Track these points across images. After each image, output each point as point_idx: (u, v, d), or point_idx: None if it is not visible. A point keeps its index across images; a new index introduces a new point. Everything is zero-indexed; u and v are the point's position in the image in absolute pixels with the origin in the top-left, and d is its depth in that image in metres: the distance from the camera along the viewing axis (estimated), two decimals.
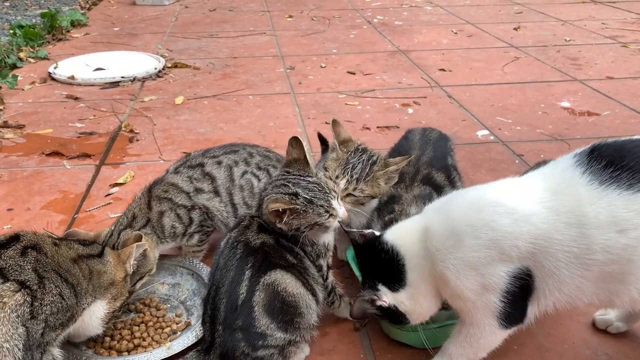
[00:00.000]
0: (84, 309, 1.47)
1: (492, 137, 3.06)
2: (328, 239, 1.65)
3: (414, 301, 1.45)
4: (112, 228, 1.80)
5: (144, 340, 1.65)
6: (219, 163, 1.93)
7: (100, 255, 1.55)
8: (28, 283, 1.29)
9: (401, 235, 1.47)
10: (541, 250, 1.29)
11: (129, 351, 1.62)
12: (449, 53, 4.57)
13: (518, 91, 3.73)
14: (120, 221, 1.82)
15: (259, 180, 1.94)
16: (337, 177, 1.77)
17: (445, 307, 1.77)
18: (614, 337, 1.69)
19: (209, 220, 1.93)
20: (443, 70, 4.16)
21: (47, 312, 1.32)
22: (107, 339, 1.65)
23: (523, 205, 1.31)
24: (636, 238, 1.22)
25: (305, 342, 1.60)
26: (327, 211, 1.53)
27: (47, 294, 1.32)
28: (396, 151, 2.06)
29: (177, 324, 1.73)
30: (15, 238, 1.38)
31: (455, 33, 5.18)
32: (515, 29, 5.29)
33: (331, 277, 1.68)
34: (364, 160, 1.81)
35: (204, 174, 1.91)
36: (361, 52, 4.64)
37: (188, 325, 1.72)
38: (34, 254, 1.36)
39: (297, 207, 1.49)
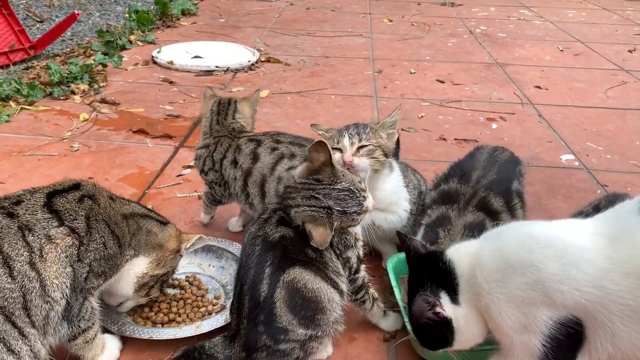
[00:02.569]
0: (126, 260, 1.59)
1: (576, 163, 2.87)
2: (357, 229, 1.63)
3: (466, 322, 1.41)
4: None
5: (179, 316, 1.73)
6: (274, 149, 1.95)
7: (165, 224, 1.69)
8: (77, 230, 1.43)
9: (459, 255, 1.44)
10: (591, 300, 1.22)
11: (162, 324, 1.70)
12: (550, 70, 4.34)
13: (618, 117, 3.47)
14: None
15: None
16: (337, 142, 1.76)
17: None
18: None
19: (219, 187, 2.04)
20: (539, 87, 3.95)
21: (91, 257, 1.45)
22: (147, 309, 1.75)
23: (575, 249, 1.25)
24: None
25: (329, 339, 1.60)
26: (359, 214, 1.54)
27: (92, 242, 1.46)
28: (458, 167, 1.99)
29: (213, 305, 1.79)
30: (76, 186, 1.54)
31: (561, 50, 4.90)
32: (630, 51, 4.91)
33: (363, 272, 1.64)
34: (355, 124, 1.83)
35: (251, 152, 1.97)
36: (456, 61, 4.52)
37: (223, 308, 1.77)
38: (90, 203, 1.51)
39: (334, 224, 1.51)
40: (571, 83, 4.07)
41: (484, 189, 1.81)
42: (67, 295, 1.39)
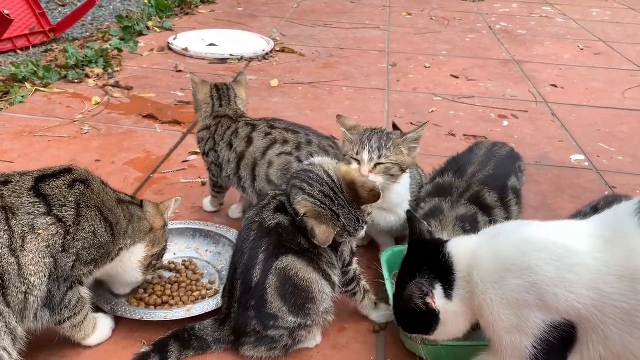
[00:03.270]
0: (120, 248, 1.58)
1: (586, 164, 2.83)
2: None
3: (453, 317, 1.41)
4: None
5: (172, 298, 1.75)
6: (267, 134, 1.96)
7: (141, 205, 1.68)
8: (64, 219, 1.41)
9: (459, 251, 1.43)
10: (585, 303, 1.21)
11: (155, 306, 1.72)
12: (567, 69, 4.27)
13: (633, 119, 3.40)
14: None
15: None
16: (357, 154, 1.74)
17: (473, 327, 1.69)
18: None
19: (217, 167, 2.07)
20: (555, 86, 3.89)
21: (78, 246, 1.43)
22: (141, 291, 1.77)
23: (570, 253, 1.25)
24: None
25: (319, 329, 1.61)
26: (351, 235, 1.55)
27: (80, 231, 1.43)
28: (455, 161, 1.98)
29: (207, 290, 1.81)
30: (67, 170, 1.51)
31: (582, 49, 4.82)
32: None
33: (355, 265, 1.65)
34: (378, 133, 1.78)
35: (247, 136, 1.98)
36: (472, 57, 4.47)
37: (217, 293, 1.79)
38: (81, 188, 1.48)
39: (338, 229, 1.51)
40: (588, 83, 4.00)
41: (478, 184, 1.80)
42: (45, 282, 1.37)
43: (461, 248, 1.43)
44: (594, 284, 1.20)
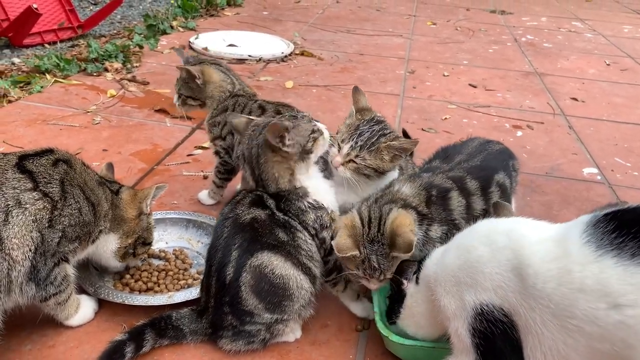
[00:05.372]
0: (100, 230, 1.59)
1: (599, 177, 2.75)
2: (332, 204, 1.63)
3: (413, 300, 1.48)
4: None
5: (158, 285, 1.76)
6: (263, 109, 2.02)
7: (117, 192, 1.67)
8: (51, 195, 1.42)
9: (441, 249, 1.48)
10: (512, 287, 1.20)
11: (140, 291, 1.73)
12: (590, 84, 4.17)
13: None
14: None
15: None
16: (342, 141, 1.72)
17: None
18: None
19: (231, 149, 2.08)
20: (575, 99, 3.81)
21: (65, 222, 1.44)
22: (128, 276, 1.78)
23: (508, 240, 1.26)
24: (635, 317, 1.02)
25: (298, 323, 1.60)
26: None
27: (66, 207, 1.44)
28: (444, 151, 1.96)
29: (194, 279, 1.81)
30: (49, 151, 1.52)
31: (608, 64, 4.71)
32: None
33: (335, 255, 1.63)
34: (374, 130, 1.71)
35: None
36: (493, 67, 4.41)
37: None
38: (64, 167, 1.49)
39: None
40: (610, 97, 3.90)
41: (462, 171, 1.76)
42: (30, 257, 1.38)
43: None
44: (519, 271, 1.20)
